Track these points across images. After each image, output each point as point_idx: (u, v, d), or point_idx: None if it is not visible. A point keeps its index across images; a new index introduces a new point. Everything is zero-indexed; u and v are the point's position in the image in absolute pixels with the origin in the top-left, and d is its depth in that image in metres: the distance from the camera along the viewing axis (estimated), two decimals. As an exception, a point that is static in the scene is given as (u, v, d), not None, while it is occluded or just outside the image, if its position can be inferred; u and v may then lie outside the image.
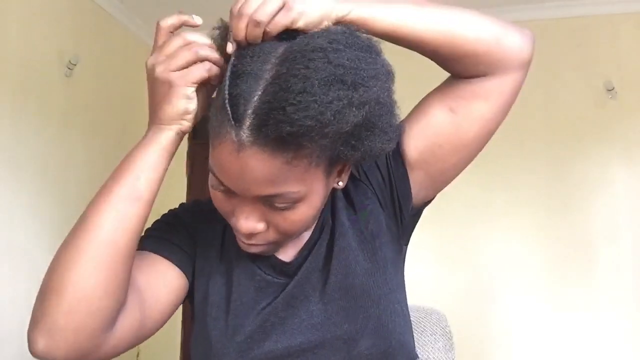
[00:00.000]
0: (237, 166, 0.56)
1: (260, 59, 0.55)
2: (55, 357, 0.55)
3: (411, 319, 1.24)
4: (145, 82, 0.63)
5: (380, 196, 0.76)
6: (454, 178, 0.77)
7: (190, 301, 0.75)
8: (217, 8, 3.30)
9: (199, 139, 3.23)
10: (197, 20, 0.64)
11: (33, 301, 0.56)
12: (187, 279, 0.72)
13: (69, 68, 2.50)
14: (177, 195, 3.02)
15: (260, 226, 0.62)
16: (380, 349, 0.67)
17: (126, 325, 0.61)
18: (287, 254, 0.73)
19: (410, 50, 0.67)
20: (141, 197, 0.59)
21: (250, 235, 0.63)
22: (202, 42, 0.60)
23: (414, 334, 1.20)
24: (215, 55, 0.60)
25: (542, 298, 2.70)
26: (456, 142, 0.70)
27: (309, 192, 0.60)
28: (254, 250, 0.67)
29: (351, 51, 0.54)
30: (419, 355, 1.16)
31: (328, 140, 0.54)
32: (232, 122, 0.55)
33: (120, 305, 0.59)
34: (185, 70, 0.58)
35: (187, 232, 0.73)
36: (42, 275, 0.57)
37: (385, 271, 0.73)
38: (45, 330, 0.54)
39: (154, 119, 0.62)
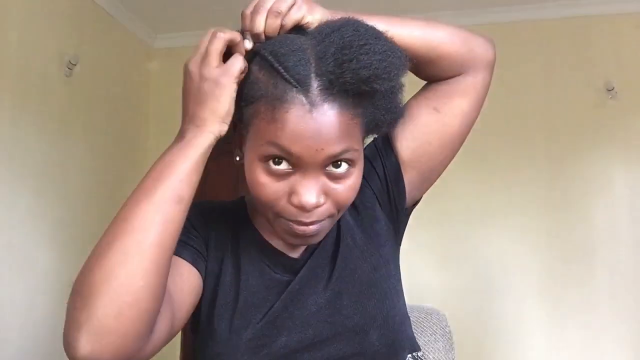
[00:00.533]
0: (311, 126, 0.59)
1: (293, 40, 0.61)
2: None
3: (411, 319, 1.25)
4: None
5: (379, 197, 0.80)
6: (439, 176, 0.83)
7: None
8: (218, 8, 3.25)
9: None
10: (248, 45, 0.63)
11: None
12: (202, 280, 0.73)
13: (69, 68, 2.50)
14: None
15: (322, 199, 0.64)
16: (389, 341, 0.72)
17: (162, 327, 0.61)
18: (296, 252, 0.76)
19: None
20: (183, 199, 0.60)
21: (313, 210, 0.64)
22: (225, 29, 0.63)
23: (414, 333, 1.20)
24: (238, 35, 0.63)
25: (542, 298, 2.70)
26: (443, 138, 0.78)
27: (360, 156, 0.66)
28: (311, 229, 0.66)
29: (367, 23, 0.62)
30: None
31: (392, 82, 0.60)
32: (298, 87, 0.59)
33: (160, 308, 0.60)
34: (225, 65, 0.61)
35: (199, 235, 0.74)
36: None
37: (389, 268, 0.78)
38: (92, 333, 0.53)
39: (195, 120, 0.62)
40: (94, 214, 2.66)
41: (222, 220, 0.77)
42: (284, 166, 0.62)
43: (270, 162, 0.62)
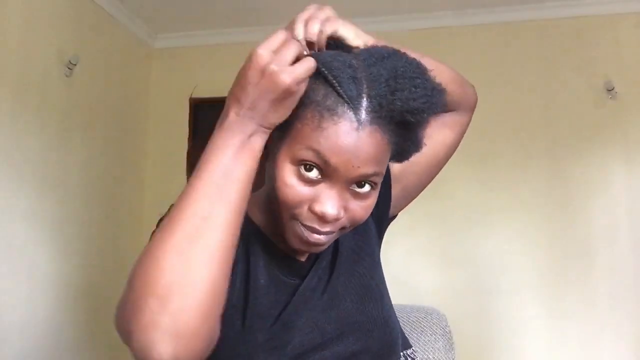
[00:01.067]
0: (354, 144, 0.61)
1: (343, 57, 0.63)
2: None
3: (411, 319, 1.25)
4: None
5: None
6: (415, 197, 0.91)
7: None
8: (219, 8, 3.24)
9: (199, 140, 3.24)
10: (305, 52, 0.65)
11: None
12: None
13: (69, 68, 2.50)
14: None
15: (342, 212, 0.66)
16: (389, 339, 0.77)
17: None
18: (302, 255, 0.79)
19: None
20: (246, 198, 0.61)
21: (332, 220, 0.65)
22: (299, 34, 0.64)
23: (414, 334, 1.20)
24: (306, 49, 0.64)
25: (542, 297, 2.70)
26: (428, 161, 0.86)
27: (381, 180, 0.68)
28: (322, 240, 0.68)
29: (410, 55, 0.65)
30: (419, 356, 1.16)
31: (430, 117, 0.63)
32: (350, 104, 0.61)
33: None
34: (291, 68, 0.59)
35: None
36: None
37: (379, 271, 0.85)
38: (176, 335, 0.51)
39: (257, 118, 0.60)
40: (94, 214, 2.66)
41: None
42: (314, 173, 0.63)
43: (302, 167, 0.63)
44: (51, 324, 2.39)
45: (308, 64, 0.60)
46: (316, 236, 0.67)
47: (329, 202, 0.64)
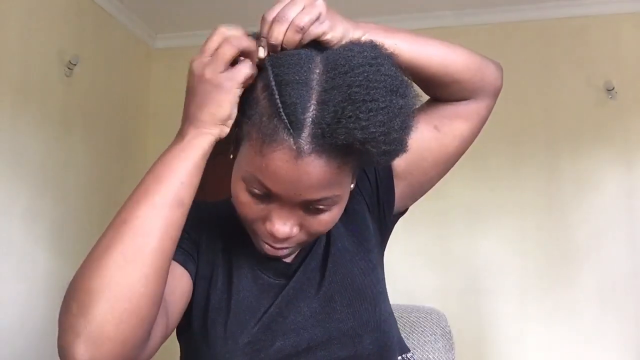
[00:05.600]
0: (293, 173, 0.58)
1: (303, 68, 0.58)
2: None
3: (411, 319, 1.25)
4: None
5: (369, 202, 0.82)
6: (427, 191, 0.85)
7: None
8: (219, 8, 3.25)
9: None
10: (261, 54, 0.60)
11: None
12: (192, 282, 0.72)
13: (69, 68, 2.50)
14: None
15: (295, 230, 0.64)
16: (381, 344, 0.72)
17: (157, 332, 0.60)
18: (288, 257, 0.75)
19: None
20: (183, 203, 0.58)
21: (283, 239, 0.64)
22: (239, 34, 0.60)
23: (414, 334, 1.20)
24: (253, 45, 0.60)
25: (541, 297, 2.70)
26: (438, 156, 0.78)
27: (344, 194, 0.65)
28: (280, 253, 0.68)
29: (390, 64, 0.59)
30: (419, 356, 1.16)
31: (389, 146, 0.57)
32: (290, 130, 0.56)
33: (157, 313, 0.58)
34: (232, 70, 0.58)
35: (189, 237, 0.73)
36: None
37: (377, 273, 0.79)
38: (91, 341, 0.51)
39: (194, 121, 0.60)
40: (94, 214, 2.66)
41: (213, 223, 0.77)
42: (263, 193, 0.62)
43: (257, 184, 0.62)
44: (50, 323, 2.38)
45: (241, 71, 0.58)
46: (273, 250, 0.67)
47: (279, 222, 0.63)
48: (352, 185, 0.69)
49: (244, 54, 0.60)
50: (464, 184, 2.78)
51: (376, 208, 0.82)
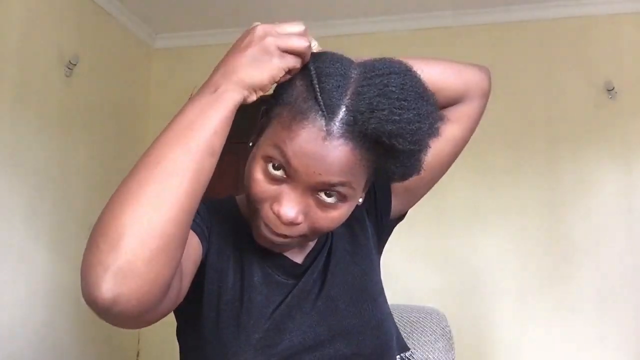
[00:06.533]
0: (318, 150, 0.60)
1: (343, 65, 0.63)
2: (124, 307, 0.50)
3: (411, 319, 1.25)
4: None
5: (367, 207, 0.84)
6: (423, 195, 0.87)
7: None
8: (219, 8, 3.25)
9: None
10: (314, 47, 0.64)
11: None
12: (202, 256, 0.72)
13: (69, 68, 2.50)
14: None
15: (300, 218, 0.65)
16: (382, 342, 0.75)
17: (173, 293, 0.59)
18: (297, 257, 0.78)
19: None
20: (215, 152, 0.57)
21: (288, 223, 0.65)
22: (313, 42, 0.64)
23: (414, 334, 1.20)
24: (309, 55, 0.63)
25: (541, 297, 2.70)
26: (432, 161, 0.79)
27: (355, 194, 0.66)
28: (278, 240, 0.67)
29: (420, 77, 0.64)
30: (419, 356, 1.16)
31: (414, 146, 0.60)
32: (324, 112, 0.60)
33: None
34: (285, 54, 0.60)
35: (200, 218, 0.73)
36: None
37: (376, 274, 0.82)
38: (121, 275, 0.49)
39: (231, 75, 0.59)
40: (94, 214, 2.65)
41: (222, 217, 0.78)
42: (280, 173, 0.64)
43: (270, 165, 0.63)
44: (50, 324, 2.39)
45: (301, 43, 0.60)
46: (271, 235, 0.67)
47: (288, 204, 0.64)
48: (361, 199, 0.71)
49: (300, 54, 0.62)
50: (464, 184, 2.78)
51: (374, 212, 0.84)
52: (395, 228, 0.92)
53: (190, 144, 0.56)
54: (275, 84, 0.63)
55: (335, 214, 0.66)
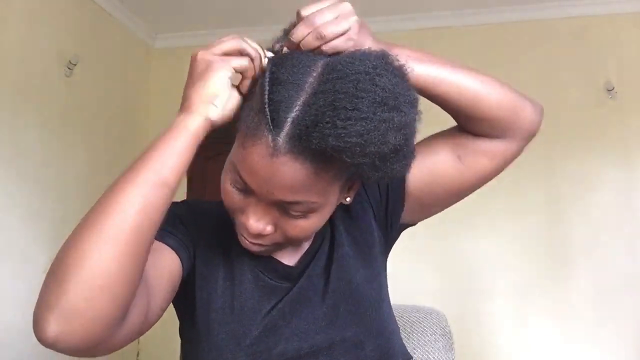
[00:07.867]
0: (267, 170, 0.58)
1: (301, 70, 0.58)
2: (67, 345, 0.51)
3: (411, 319, 1.25)
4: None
5: (376, 210, 0.81)
6: (435, 213, 0.83)
7: (175, 303, 0.74)
8: (218, 8, 3.24)
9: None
10: (264, 60, 0.62)
11: (33, 301, 0.54)
12: (183, 272, 0.71)
13: (69, 68, 2.50)
14: (177, 193, 3.01)
15: (269, 229, 0.64)
16: (383, 351, 0.71)
17: (135, 315, 0.59)
18: (290, 259, 0.76)
19: None
20: (167, 182, 0.57)
21: (255, 234, 0.65)
22: (250, 44, 0.61)
23: (414, 334, 1.20)
24: (259, 56, 0.61)
25: (541, 297, 2.70)
26: (454, 186, 0.77)
27: (324, 204, 0.63)
28: (255, 249, 0.68)
29: (391, 76, 0.56)
30: (419, 356, 1.16)
31: (365, 159, 0.54)
32: (270, 127, 0.56)
33: (135, 294, 0.57)
34: (226, 57, 0.60)
35: (187, 232, 0.73)
36: (42, 276, 0.55)
37: (380, 279, 0.78)
38: (62, 315, 0.50)
39: (185, 104, 0.60)
40: (94, 214, 2.65)
41: (212, 222, 0.76)
42: (243, 187, 0.63)
43: (237, 176, 0.62)
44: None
45: (233, 42, 0.60)
46: (247, 243, 0.67)
47: (254, 217, 0.63)
48: (348, 199, 0.69)
49: (246, 56, 0.61)
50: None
51: (383, 216, 0.81)
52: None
53: (138, 178, 0.55)
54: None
55: (306, 224, 0.64)
